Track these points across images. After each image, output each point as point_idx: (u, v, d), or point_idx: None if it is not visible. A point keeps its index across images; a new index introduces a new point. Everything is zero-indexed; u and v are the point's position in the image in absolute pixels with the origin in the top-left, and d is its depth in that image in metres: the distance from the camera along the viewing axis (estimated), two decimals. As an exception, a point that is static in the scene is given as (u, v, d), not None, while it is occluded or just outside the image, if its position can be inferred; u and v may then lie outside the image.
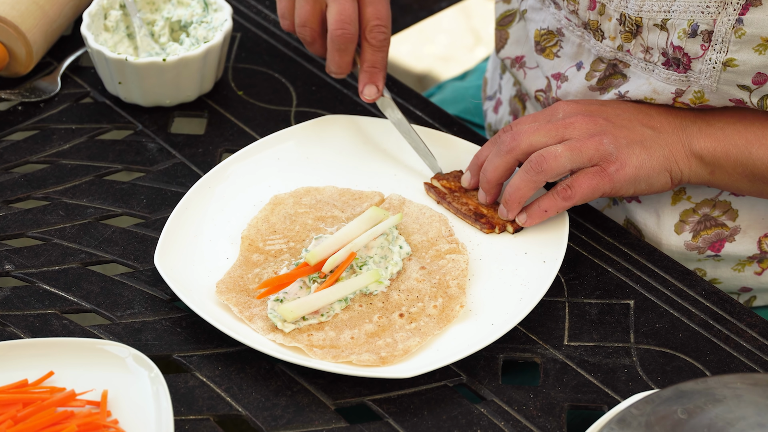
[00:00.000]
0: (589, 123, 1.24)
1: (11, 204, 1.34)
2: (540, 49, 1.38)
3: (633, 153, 1.23)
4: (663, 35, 1.24)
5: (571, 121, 1.25)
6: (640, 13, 1.24)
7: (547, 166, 1.22)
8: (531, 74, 1.44)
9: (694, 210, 1.34)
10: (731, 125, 1.25)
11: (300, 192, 1.33)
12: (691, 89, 1.25)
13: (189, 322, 1.22)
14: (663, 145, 1.25)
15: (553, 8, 1.36)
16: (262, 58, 1.53)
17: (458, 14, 3.42)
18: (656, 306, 1.25)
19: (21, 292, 1.24)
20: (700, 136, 1.25)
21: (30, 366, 1.13)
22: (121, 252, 1.29)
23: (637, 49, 1.27)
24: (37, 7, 1.46)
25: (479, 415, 1.15)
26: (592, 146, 1.22)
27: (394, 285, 1.24)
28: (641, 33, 1.26)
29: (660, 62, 1.26)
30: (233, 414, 1.15)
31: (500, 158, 1.26)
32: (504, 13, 1.49)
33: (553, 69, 1.37)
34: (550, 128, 1.24)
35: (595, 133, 1.23)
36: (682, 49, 1.22)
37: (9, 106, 1.46)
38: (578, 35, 1.33)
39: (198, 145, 1.41)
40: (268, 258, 1.26)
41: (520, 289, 1.24)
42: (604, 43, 1.30)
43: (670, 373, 1.19)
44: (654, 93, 1.27)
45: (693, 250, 1.35)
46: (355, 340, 1.18)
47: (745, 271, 1.38)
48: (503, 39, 1.48)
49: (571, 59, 1.35)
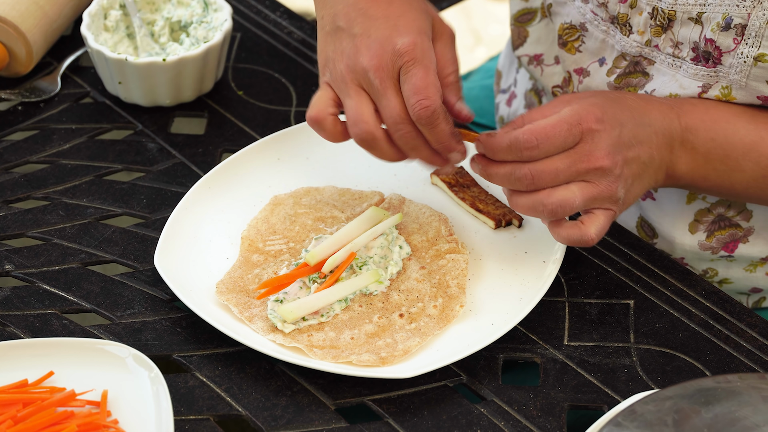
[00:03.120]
0: (611, 166, 1.17)
1: (11, 204, 1.34)
2: (562, 44, 1.36)
3: (635, 189, 1.21)
4: (697, 29, 1.23)
5: (595, 167, 1.17)
6: (675, 7, 1.24)
7: (562, 213, 1.18)
8: (548, 71, 1.43)
9: (709, 210, 1.34)
10: (715, 150, 1.23)
11: (300, 192, 1.33)
12: (719, 84, 1.24)
13: (189, 322, 1.22)
14: (653, 173, 1.22)
15: (579, 2, 1.34)
16: (262, 58, 1.53)
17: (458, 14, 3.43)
18: (656, 306, 1.25)
19: (21, 292, 1.24)
20: (683, 161, 1.23)
21: (30, 366, 1.13)
22: (121, 252, 1.29)
23: (666, 43, 1.26)
24: (37, 7, 1.46)
25: (479, 415, 1.15)
26: (607, 194, 1.18)
27: (394, 285, 1.24)
28: (672, 27, 1.25)
29: (689, 57, 1.25)
30: (233, 414, 1.15)
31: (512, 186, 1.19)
32: (522, 10, 1.47)
33: (576, 64, 1.36)
34: (572, 174, 1.17)
35: (614, 179, 1.18)
36: (714, 42, 1.21)
37: (9, 106, 1.46)
38: (603, 30, 1.32)
39: (198, 145, 1.41)
40: (268, 258, 1.26)
41: (520, 289, 1.24)
42: (631, 38, 1.29)
43: (670, 373, 1.19)
44: (680, 89, 1.26)
45: (707, 250, 1.35)
46: (355, 341, 1.18)
47: (757, 272, 1.38)
48: (522, 36, 1.47)
49: (593, 54, 1.34)
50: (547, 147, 1.16)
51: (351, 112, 1.17)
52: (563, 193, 1.17)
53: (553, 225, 1.20)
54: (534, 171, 1.16)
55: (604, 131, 1.17)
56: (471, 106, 1.68)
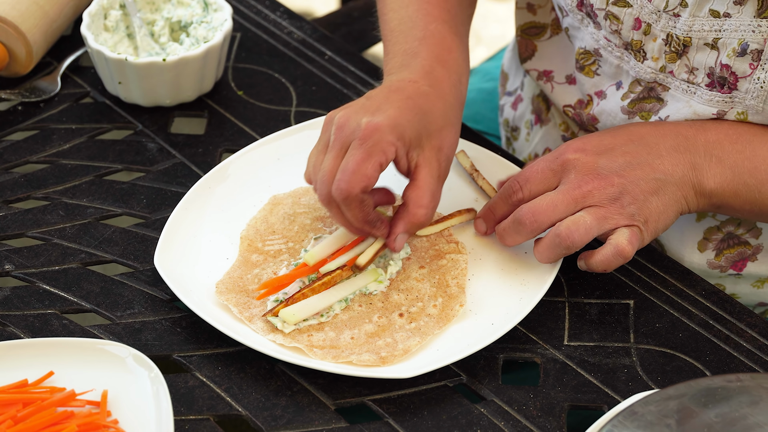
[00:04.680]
0: (606, 186, 1.19)
1: (11, 204, 1.34)
2: (579, 67, 1.36)
3: (651, 205, 1.20)
4: (713, 54, 1.22)
5: (588, 189, 1.19)
6: (690, 33, 1.23)
7: (578, 239, 1.18)
8: (559, 89, 1.42)
9: (719, 228, 1.33)
10: (743, 162, 1.22)
11: (299, 192, 1.33)
12: (735, 110, 1.23)
13: (189, 322, 1.22)
14: (675, 189, 1.21)
15: (592, 27, 1.33)
16: (262, 58, 1.53)
17: (458, 14, 3.41)
18: (656, 306, 1.25)
19: (21, 292, 1.24)
20: (710, 176, 1.21)
21: (30, 366, 1.13)
22: (121, 252, 1.29)
23: (681, 69, 1.25)
24: (37, 7, 1.46)
25: (479, 415, 1.15)
26: (616, 212, 1.18)
27: (394, 285, 1.24)
28: (687, 53, 1.24)
29: (704, 83, 1.24)
30: (233, 414, 1.15)
31: (521, 236, 1.22)
32: (528, 23, 1.46)
33: (595, 87, 1.35)
34: (569, 202, 1.19)
35: (615, 196, 1.19)
36: (729, 67, 1.21)
37: (9, 106, 1.46)
38: (617, 56, 1.31)
39: (198, 145, 1.41)
40: (268, 258, 1.26)
41: (520, 289, 1.24)
42: (645, 64, 1.28)
43: (670, 373, 1.19)
44: (694, 115, 1.25)
45: (715, 268, 1.35)
46: (355, 341, 1.18)
47: (765, 288, 1.38)
48: (530, 50, 1.46)
49: (610, 78, 1.33)
50: (530, 187, 1.22)
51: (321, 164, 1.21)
52: (572, 217, 1.19)
53: (587, 258, 1.21)
54: (532, 207, 1.20)
55: (586, 158, 1.21)
56: (467, 111, 1.68)
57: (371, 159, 1.16)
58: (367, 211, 1.19)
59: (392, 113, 1.19)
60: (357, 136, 1.17)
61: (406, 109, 1.20)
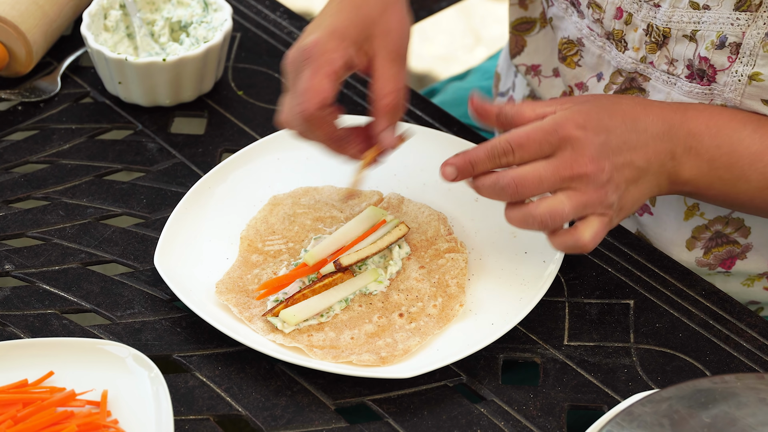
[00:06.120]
0: (597, 172, 1.16)
1: (11, 204, 1.34)
2: (561, 58, 1.36)
3: (629, 194, 1.19)
4: (691, 46, 1.23)
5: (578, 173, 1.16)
6: (669, 24, 1.23)
7: (553, 223, 1.17)
8: (546, 82, 1.42)
9: (707, 227, 1.33)
10: (721, 158, 1.21)
11: (299, 192, 1.33)
12: (714, 103, 1.23)
13: (189, 322, 1.22)
14: (652, 178, 1.20)
15: (576, 17, 1.34)
16: (262, 58, 1.53)
17: (458, 14, 3.42)
18: (656, 306, 1.25)
19: (21, 292, 1.24)
20: (686, 168, 1.21)
21: (30, 366, 1.13)
22: (121, 252, 1.29)
23: (661, 60, 1.26)
24: (37, 7, 1.46)
25: (479, 415, 1.15)
26: (597, 200, 1.16)
27: (394, 285, 1.24)
28: (667, 44, 1.24)
29: (683, 75, 1.24)
30: (233, 414, 1.15)
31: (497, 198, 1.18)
32: (520, 18, 1.47)
33: (576, 78, 1.36)
34: (556, 180, 1.16)
35: (601, 183, 1.17)
36: (708, 60, 1.21)
37: (9, 106, 1.46)
38: (599, 46, 1.32)
39: (198, 145, 1.41)
40: (267, 258, 1.26)
41: (520, 289, 1.24)
42: (626, 54, 1.29)
43: (670, 373, 1.19)
44: None
45: (704, 266, 1.35)
46: (355, 341, 1.18)
47: (755, 287, 1.38)
48: (519, 45, 1.46)
49: (591, 69, 1.34)
50: (522, 153, 1.16)
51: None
52: (551, 203, 1.16)
53: (550, 235, 1.19)
54: (517, 178, 1.15)
55: (586, 138, 1.16)
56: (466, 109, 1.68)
57: (318, 73, 1.17)
58: (331, 128, 1.19)
59: (328, 22, 1.21)
60: (302, 59, 1.19)
61: (340, 12, 1.22)
